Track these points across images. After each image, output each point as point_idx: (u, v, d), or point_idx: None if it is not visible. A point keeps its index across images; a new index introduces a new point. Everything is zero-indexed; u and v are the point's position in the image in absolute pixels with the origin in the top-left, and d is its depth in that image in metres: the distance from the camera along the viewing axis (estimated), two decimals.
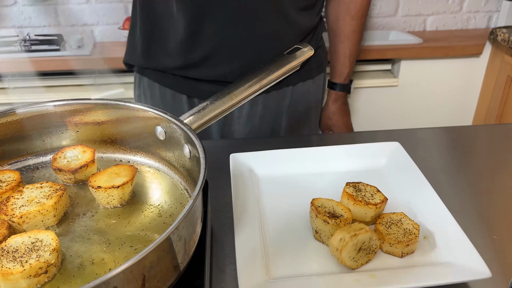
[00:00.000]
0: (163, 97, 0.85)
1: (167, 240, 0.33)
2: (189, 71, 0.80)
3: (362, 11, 0.90)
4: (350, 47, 0.94)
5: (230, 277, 0.47)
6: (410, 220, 0.50)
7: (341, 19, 0.91)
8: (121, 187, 0.46)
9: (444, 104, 1.77)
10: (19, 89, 1.59)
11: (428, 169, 0.62)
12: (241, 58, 0.78)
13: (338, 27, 0.93)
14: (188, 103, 0.85)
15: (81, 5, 1.65)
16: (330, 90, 1.01)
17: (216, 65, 0.78)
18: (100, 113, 0.53)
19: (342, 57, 0.95)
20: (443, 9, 1.79)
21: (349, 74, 0.98)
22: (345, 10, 0.90)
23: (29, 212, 0.42)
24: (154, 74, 0.85)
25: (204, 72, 0.79)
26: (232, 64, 0.78)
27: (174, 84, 0.83)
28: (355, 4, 0.89)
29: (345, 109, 1.03)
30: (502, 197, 0.60)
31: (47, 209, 0.43)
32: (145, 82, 0.87)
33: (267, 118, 0.86)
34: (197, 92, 0.83)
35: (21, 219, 0.42)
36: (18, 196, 0.44)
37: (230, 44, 0.76)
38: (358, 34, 0.93)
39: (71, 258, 0.40)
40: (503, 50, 1.61)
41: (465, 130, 0.81)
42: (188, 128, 0.46)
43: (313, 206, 0.50)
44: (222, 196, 0.59)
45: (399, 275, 0.45)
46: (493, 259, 0.48)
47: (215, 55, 0.77)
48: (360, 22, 0.92)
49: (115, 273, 0.29)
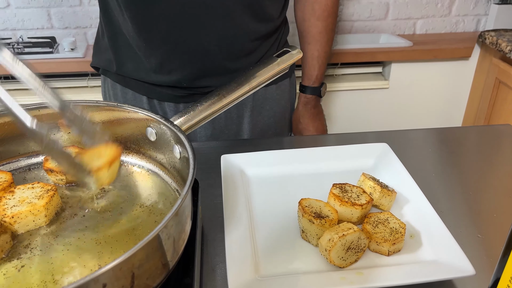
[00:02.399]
0: (124, 97, 0.86)
1: (156, 238, 0.33)
2: (147, 77, 0.81)
3: (327, 11, 0.88)
4: (318, 49, 0.91)
5: (220, 276, 0.48)
6: (396, 219, 0.51)
7: (307, 20, 0.90)
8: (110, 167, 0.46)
9: (434, 105, 1.79)
10: (13, 92, 1.58)
11: (416, 169, 0.63)
12: (193, 64, 0.77)
13: (305, 29, 0.91)
14: (148, 104, 0.85)
15: (74, 7, 1.65)
16: (300, 93, 0.99)
17: (170, 72, 0.78)
18: (91, 114, 0.54)
19: (309, 59, 0.93)
20: (432, 12, 1.81)
21: (319, 76, 0.95)
22: (310, 11, 0.88)
23: (20, 212, 0.43)
24: (116, 77, 0.86)
25: (159, 78, 0.80)
26: (184, 70, 0.78)
27: (133, 86, 0.84)
28: (320, 5, 0.87)
29: (315, 112, 0.99)
30: (487, 196, 0.61)
31: (38, 209, 0.43)
32: (108, 82, 0.89)
33: (228, 122, 0.86)
34: (155, 94, 0.84)
35: (12, 219, 0.42)
36: (10, 197, 0.45)
37: (180, 51, 0.76)
38: (325, 35, 0.90)
39: (64, 257, 0.40)
40: (492, 53, 1.64)
41: (454, 131, 0.82)
42: (177, 129, 0.47)
43: (300, 206, 0.51)
44: (213, 197, 0.59)
45: (385, 273, 0.45)
46: (477, 257, 0.49)
47: (168, 62, 0.77)
48: (326, 23, 0.89)
49: (104, 270, 0.29)
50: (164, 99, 0.84)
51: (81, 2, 1.65)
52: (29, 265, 0.40)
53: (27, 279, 0.38)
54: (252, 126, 0.89)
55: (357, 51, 1.59)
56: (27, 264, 0.40)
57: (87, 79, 1.59)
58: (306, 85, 0.96)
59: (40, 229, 0.44)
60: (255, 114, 0.88)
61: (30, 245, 0.42)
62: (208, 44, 0.76)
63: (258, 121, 0.89)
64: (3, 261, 0.40)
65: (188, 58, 0.77)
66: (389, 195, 0.55)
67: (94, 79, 1.59)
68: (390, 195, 0.55)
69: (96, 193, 0.50)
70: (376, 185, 0.55)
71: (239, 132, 0.89)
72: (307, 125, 0.98)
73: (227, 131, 0.88)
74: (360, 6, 1.77)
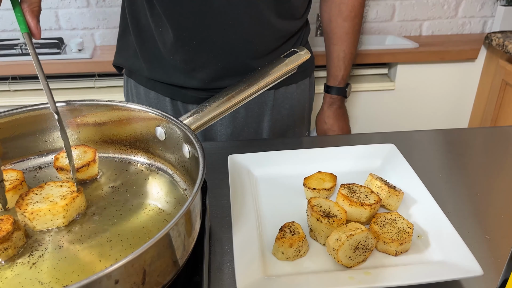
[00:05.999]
0: (147, 98, 0.87)
1: (166, 235, 0.34)
2: (171, 78, 0.81)
3: (354, 12, 0.89)
4: (343, 49, 0.92)
5: (228, 275, 0.48)
6: (404, 220, 0.51)
7: (333, 21, 0.90)
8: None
9: (440, 107, 1.79)
10: (20, 92, 1.60)
11: (423, 170, 0.63)
12: (218, 62, 0.78)
13: (331, 29, 0.92)
14: (171, 105, 0.86)
15: (81, 9, 1.67)
16: (325, 93, 1.00)
17: (194, 70, 0.79)
18: (101, 114, 0.54)
19: (335, 59, 0.94)
20: (438, 14, 1.81)
21: (344, 77, 0.96)
22: (337, 12, 0.89)
23: (40, 209, 0.43)
24: (140, 78, 0.86)
25: (183, 79, 0.80)
26: (208, 68, 0.78)
27: (157, 87, 0.85)
28: (347, 5, 0.88)
29: (340, 113, 1.01)
30: (494, 198, 0.61)
31: (57, 209, 0.44)
32: (131, 83, 0.89)
33: (249, 120, 0.87)
34: (180, 96, 0.84)
35: (31, 215, 0.43)
36: (38, 192, 0.45)
37: (206, 48, 0.76)
38: (351, 36, 0.91)
39: (75, 255, 0.41)
40: (498, 54, 1.63)
41: (460, 132, 0.82)
42: (187, 128, 0.47)
43: (309, 205, 0.51)
44: (220, 196, 0.60)
45: (393, 273, 0.46)
46: (485, 258, 0.49)
47: (192, 59, 0.78)
48: (353, 23, 0.90)
49: (117, 266, 0.30)
50: (188, 101, 0.85)
51: (88, 4, 1.66)
52: (41, 262, 0.40)
53: (38, 276, 0.39)
54: (272, 125, 0.89)
55: (363, 52, 1.59)
56: (39, 261, 0.41)
57: (94, 79, 1.60)
58: (332, 85, 0.97)
59: (52, 229, 0.45)
60: (275, 112, 0.88)
61: (42, 242, 0.43)
62: (234, 42, 0.76)
63: (277, 120, 0.89)
64: (15, 257, 0.41)
65: (213, 56, 0.77)
66: (396, 195, 0.55)
67: (100, 80, 1.61)
68: (397, 195, 0.55)
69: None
70: (383, 185, 0.55)
71: (258, 131, 0.89)
72: (332, 126, 1.00)
73: (247, 129, 0.88)
74: (366, 7, 1.77)
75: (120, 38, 0.87)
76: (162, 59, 0.80)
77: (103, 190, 0.51)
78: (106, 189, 0.51)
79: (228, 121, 0.86)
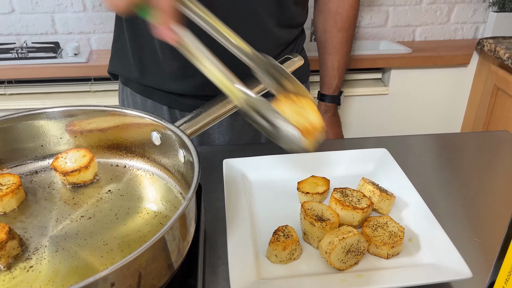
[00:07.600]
0: (144, 107, 0.87)
1: (161, 239, 0.34)
2: (168, 85, 0.81)
3: (348, 23, 0.91)
4: (338, 59, 0.94)
5: (222, 278, 0.49)
6: (395, 223, 0.52)
7: (328, 31, 0.92)
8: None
9: (433, 112, 1.81)
10: (16, 96, 1.60)
11: (415, 175, 0.64)
12: None
13: (326, 39, 0.94)
14: (169, 113, 0.86)
15: (78, 13, 1.67)
16: (319, 101, 1.02)
17: (194, 76, 0.79)
18: (97, 119, 0.55)
19: (330, 69, 0.96)
20: (431, 20, 1.83)
21: (338, 85, 0.98)
22: (332, 23, 0.91)
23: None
24: (136, 86, 0.86)
25: (181, 85, 0.80)
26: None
27: (155, 96, 0.85)
28: (342, 16, 0.90)
29: (334, 120, 1.03)
30: (485, 201, 0.62)
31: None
32: (127, 91, 0.89)
33: (246, 128, 0.88)
34: (177, 104, 0.85)
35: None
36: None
37: None
38: (345, 46, 0.94)
39: (72, 258, 0.41)
40: (490, 60, 1.66)
41: (453, 137, 0.83)
42: (182, 133, 0.48)
43: (303, 209, 0.52)
44: (215, 200, 0.60)
45: (384, 275, 0.46)
46: (475, 260, 0.50)
47: (191, 65, 0.78)
48: (347, 34, 0.93)
49: (113, 269, 0.30)
50: (185, 109, 0.85)
51: (85, 8, 1.67)
52: (37, 266, 0.41)
53: (35, 279, 0.39)
54: None
55: (357, 57, 1.61)
56: (35, 265, 0.41)
57: (90, 83, 1.60)
58: (326, 93, 0.99)
59: (49, 232, 0.45)
60: None
61: (39, 246, 0.43)
62: None
63: None
64: (11, 264, 0.41)
65: None
66: (388, 199, 0.56)
67: (96, 84, 1.61)
68: (389, 199, 0.56)
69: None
70: (375, 189, 0.56)
71: (256, 138, 0.90)
72: (327, 133, 1.01)
73: (245, 137, 0.89)
74: (360, 13, 1.79)
75: (114, 44, 0.88)
76: (159, 65, 0.80)
77: (100, 194, 0.51)
78: (102, 193, 0.51)
79: (226, 129, 0.86)
